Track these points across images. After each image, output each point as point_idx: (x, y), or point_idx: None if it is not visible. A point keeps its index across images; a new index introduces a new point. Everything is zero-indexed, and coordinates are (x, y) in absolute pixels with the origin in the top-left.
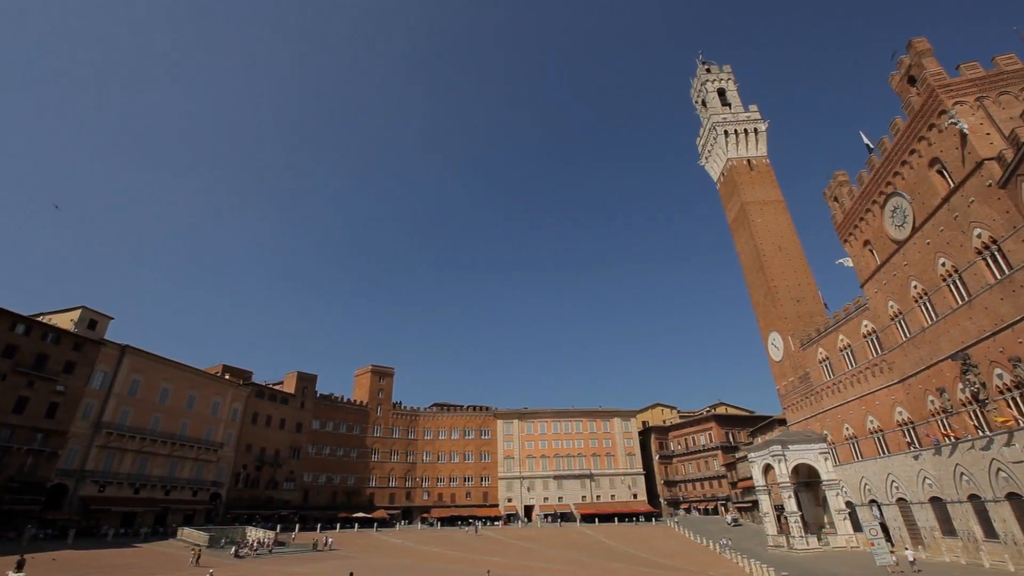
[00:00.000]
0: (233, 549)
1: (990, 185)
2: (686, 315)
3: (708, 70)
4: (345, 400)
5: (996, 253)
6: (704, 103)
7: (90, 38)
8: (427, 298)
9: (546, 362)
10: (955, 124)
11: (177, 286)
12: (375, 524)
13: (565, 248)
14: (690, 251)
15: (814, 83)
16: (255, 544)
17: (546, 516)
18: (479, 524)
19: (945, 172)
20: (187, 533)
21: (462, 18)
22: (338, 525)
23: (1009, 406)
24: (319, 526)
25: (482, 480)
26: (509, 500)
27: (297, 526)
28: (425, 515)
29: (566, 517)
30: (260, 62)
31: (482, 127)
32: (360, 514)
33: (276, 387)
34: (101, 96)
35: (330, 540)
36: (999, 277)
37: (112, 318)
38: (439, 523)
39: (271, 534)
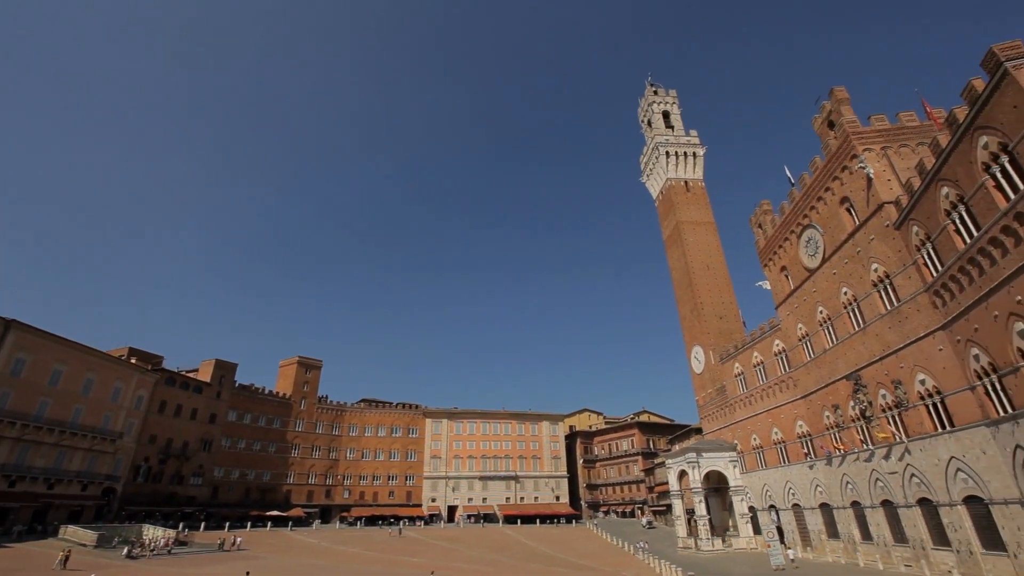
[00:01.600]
0: (126, 549)
1: (887, 226)
2: (618, 324)
3: (655, 92)
4: (267, 392)
5: (888, 287)
6: (650, 123)
7: None
8: (361, 293)
9: (479, 363)
10: (863, 168)
11: (82, 263)
12: (290, 523)
13: (502, 251)
14: (625, 263)
15: (750, 117)
16: (152, 544)
17: (469, 517)
18: (403, 524)
19: (852, 210)
20: (71, 532)
21: (407, 18)
22: (249, 524)
23: (889, 423)
24: (227, 525)
25: (407, 479)
26: (433, 500)
27: (203, 524)
28: (345, 514)
29: (489, 518)
30: (183, 56)
31: (423, 128)
32: (274, 512)
33: (190, 374)
34: None
35: (239, 540)
36: (889, 308)
37: None
38: (359, 522)
39: (172, 533)
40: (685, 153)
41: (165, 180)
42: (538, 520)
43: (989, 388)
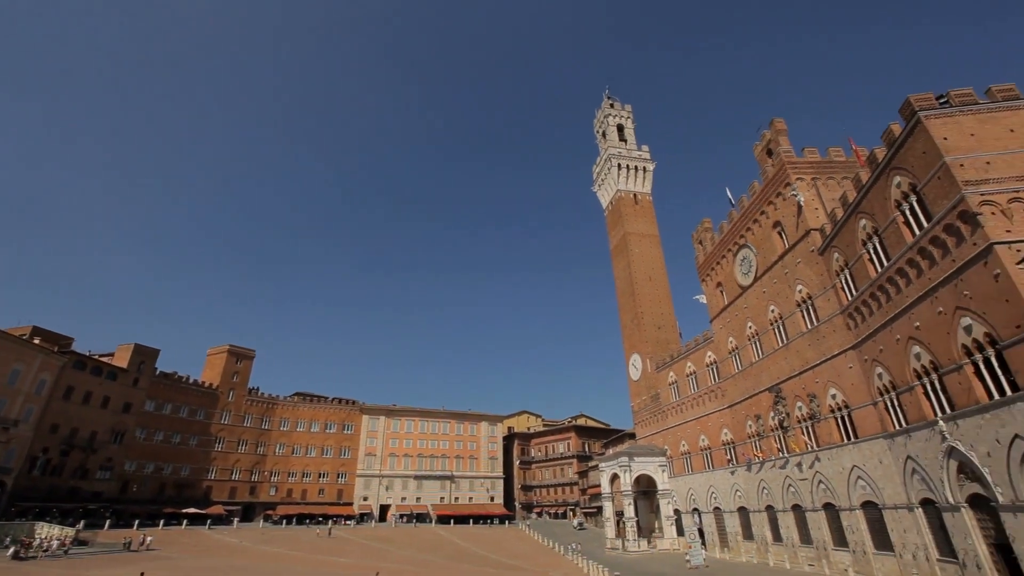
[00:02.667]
0: (12, 549)
1: (813, 251)
2: (561, 328)
3: (612, 105)
4: (191, 381)
5: (810, 307)
6: (604, 135)
7: None
8: (302, 287)
9: (420, 360)
10: (795, 196)
11: None
12: (208, 521)
13: (448, 250)
14: (571, 268)
15: (698, 137)
16: (44, 544)
17: (402, 516)
18: (332, 523)
19: (783, 234)
20: None
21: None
22: (162, 522)
23: (804, 434)
24: (136, 523)
25: (339, 477)
26: (365, 499)
27: (108, 522)
28: (270, 512)
29: (422, 518)
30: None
31: (372, 124)
32: (191, 510)
33: (104, 359)
34: None
35: (148, 539)
36: (810, 327)
37: None
38: (285, 521)
39: (69, 532)
40: (636, 167)
41: (89, 157)
42: (471, 520)
43: (889, 404)
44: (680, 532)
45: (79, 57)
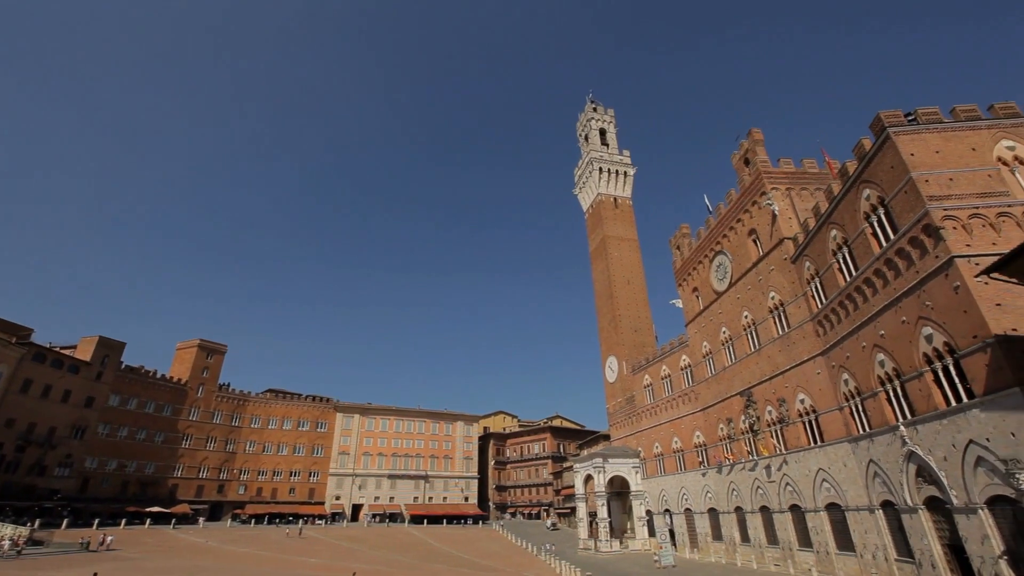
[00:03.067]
0: None
1: (786, 259)
2: (539, 329)
3: (595, 109)
4: (159, 376)
5: (782, 314)
6: (587, 138)
7: None
8: (277, 282)
9: (397, 359)
10: (770, 205)
11: None
12: (173, 520)
13: (426, 250)
14: (550, 269)
15: (679, 144)
16: None
17: (374, 516)
18: (303, 522)
19: (758, 242)
20: None
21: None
22: (124, 521)
23: (773, 437)
24: (96, 522)
25: (311, 475)
26: (337, 498)
27: (65, 521)
28: (238, 512)
29: (395, 517)
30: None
31: (353, 121)
32: (155, 508)
33: (65, 351)
34: None
35: (109, 539)
36: (781, 333)
37: None
38: (254, 521)
39: (23, 531)
40: (617, 171)
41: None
42: (445, 521)
43: (854, 409)
44: (652, 533)
45: (45, 45)
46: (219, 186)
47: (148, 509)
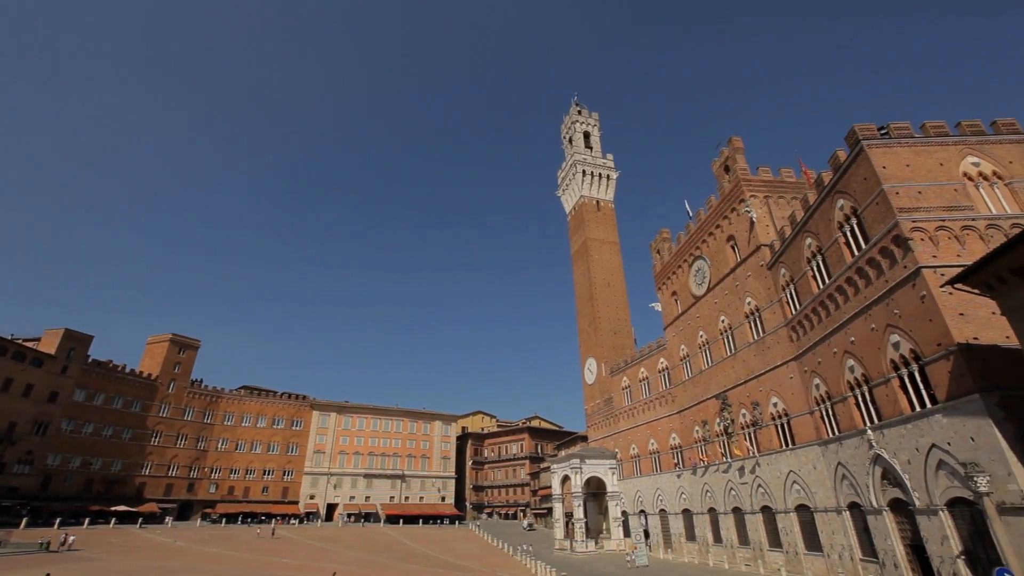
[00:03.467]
0: None
1: (762, 265)
2: (519, 330)
3: (580, 112)
4: (128, 371)
5: (758, 319)
6: (571, 140)
7: None
8: (256, 279)
9: (375, 358)
10: (748, 213)
11: None
12: (139, 520)
13: (404, 249)
14: (531, 271)
15: (661, 149)
16: None
17: (349, 516)
18: (275, 522)
19: (736, 248)
20: None
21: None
22: (87, 521)
23: (746, 440)
24: (58, 521)
25: (285, 474)
26: (312, 497)
27: (25, 520)
28: (208, 511)
29: (370, 517)
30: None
31: (332, 124)
32: (121, 507)
33: (28, 344)
34: None
35: (72, 539)
36: (756, 338)
37: None
38: (225, 520)
39: None
40: (600, 174)
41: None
42: (421, 521)
43: (824, 413)
44: (627, 533)
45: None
46: (196, 182)
47: (113, 508)
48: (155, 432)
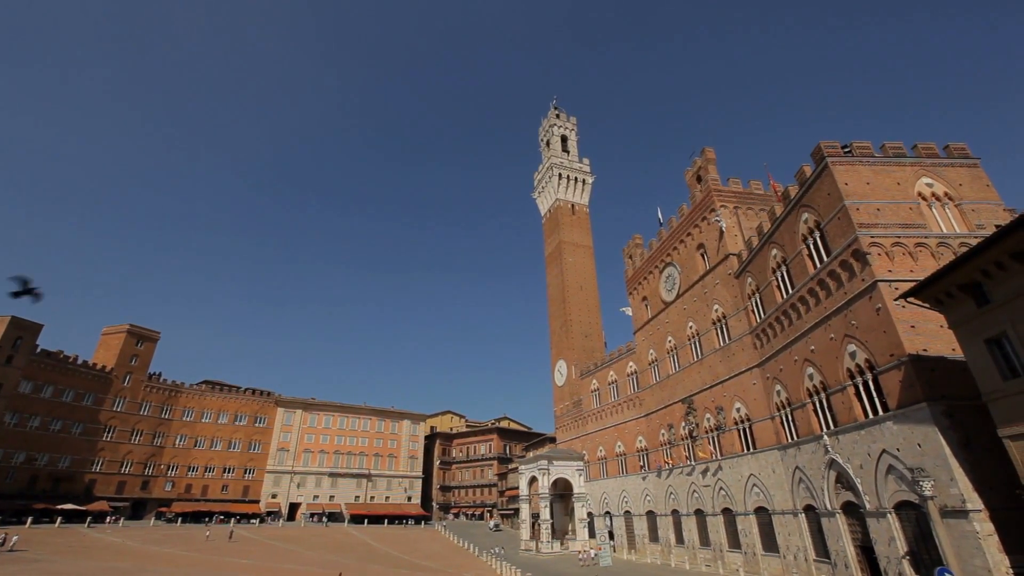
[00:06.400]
0: None
1: (730, 274)
2: (490, 330)
3: (558, 115)
4: (80, 362)
5: (724, 326)
6: (548, 143)
7: None
8: (221, 274)
9: (343, 355)
10: (718, 222)
11: None
12: (88, 519)
13: (375, 246)
14: (504, 272)
15: (636, 155)
16: None
17: (312, 515)
18: (234, 521)
19: (705, 256)
20: None
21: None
22: (30, 520)
23: (710, 443)
24: None
25: (246, 472)
26: (274, 496)
27: None
28: (163, 509)
29: (334, 517)
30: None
31: (295, 121)
32: (68, 505)
33: None
34: None
35: (15, 539)
36: (722, 344)
37: None
38: (181, 519)
39: None
40: (576, 178)
41: None
42: (387, 521)
43: (784, 419)
44: (592, 534)
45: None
46: (160, 175)
47: (60, 506)
48: (108, 427)
